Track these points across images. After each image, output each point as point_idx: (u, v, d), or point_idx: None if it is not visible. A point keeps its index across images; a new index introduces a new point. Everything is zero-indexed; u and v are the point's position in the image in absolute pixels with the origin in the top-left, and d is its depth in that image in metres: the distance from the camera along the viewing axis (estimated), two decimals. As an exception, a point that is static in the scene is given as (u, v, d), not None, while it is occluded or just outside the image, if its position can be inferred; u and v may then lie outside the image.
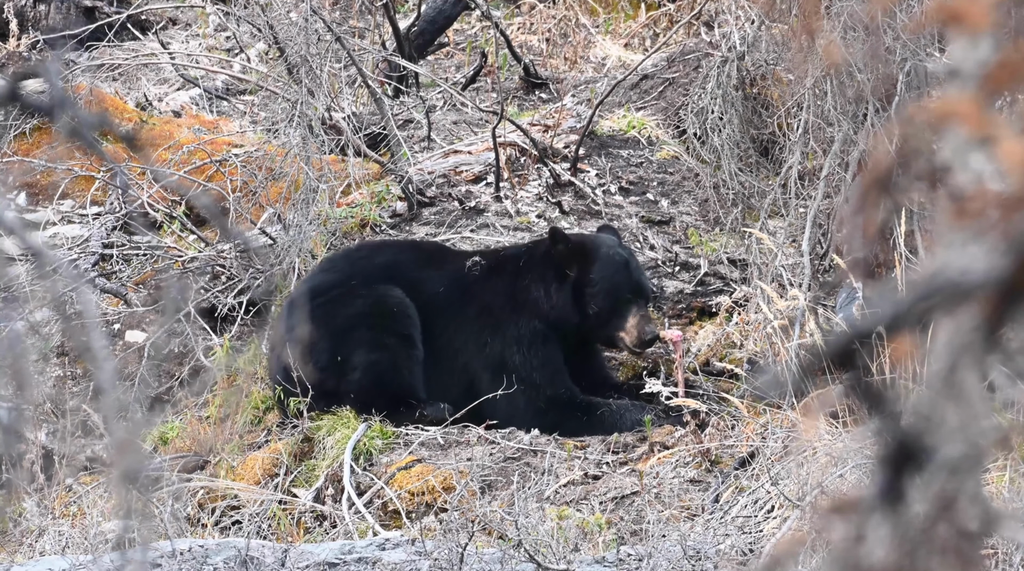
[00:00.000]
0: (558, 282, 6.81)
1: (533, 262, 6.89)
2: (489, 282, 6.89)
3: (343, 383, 6.73)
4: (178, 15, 10.97)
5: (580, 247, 6.82)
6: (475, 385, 6.79)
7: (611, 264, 6.81)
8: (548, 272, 6.83)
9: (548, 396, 6.76)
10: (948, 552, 1.76)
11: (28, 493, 6.21)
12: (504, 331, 6.82)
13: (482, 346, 6.83)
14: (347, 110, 8.46)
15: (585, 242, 6.87)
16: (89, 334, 2.33)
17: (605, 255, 6.81)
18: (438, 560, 5.27)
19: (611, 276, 6.79)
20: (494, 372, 6.78)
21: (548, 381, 6.78)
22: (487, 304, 6.86)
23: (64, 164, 8.33)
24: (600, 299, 6.79)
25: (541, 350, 6.81)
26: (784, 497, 5.55)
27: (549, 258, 6.84)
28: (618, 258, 6.83)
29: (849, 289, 6.60)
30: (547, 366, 6.80)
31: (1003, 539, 4.85)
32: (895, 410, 1.79)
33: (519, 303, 6.84)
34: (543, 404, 6.75)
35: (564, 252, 6.81)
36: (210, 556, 5.36)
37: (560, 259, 6.81)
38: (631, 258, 6.91)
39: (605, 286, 6.79)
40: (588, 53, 10.11)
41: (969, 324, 1.75)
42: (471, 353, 6.84)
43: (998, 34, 1.79)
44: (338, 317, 6.79)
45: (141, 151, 7.28)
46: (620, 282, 6.79)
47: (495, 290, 6.88)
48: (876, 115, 6.98)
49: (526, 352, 6.80)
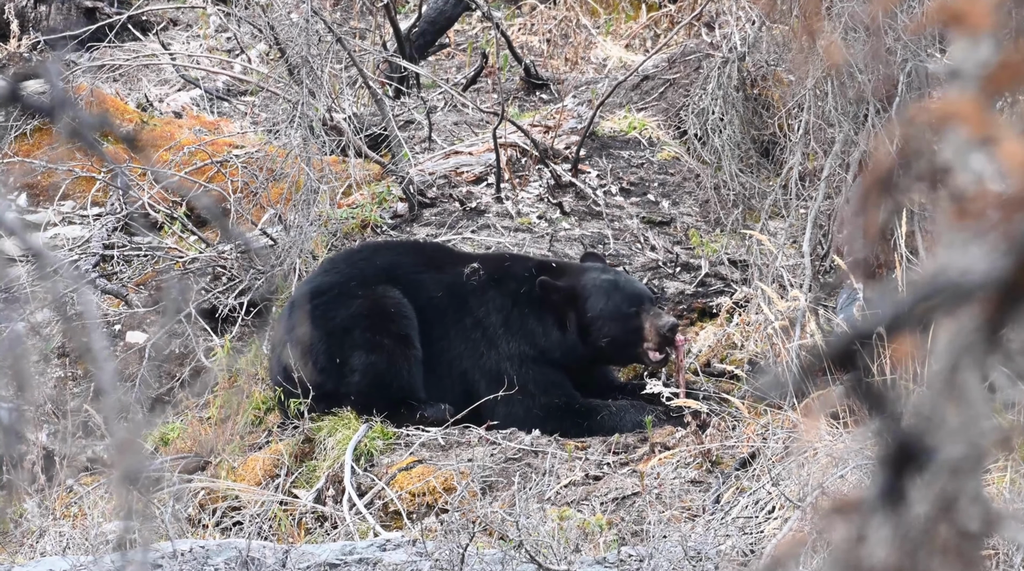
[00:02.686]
0: (559, 331, 6.83)
1: (532, 296, 6.88)
2: (487, 295, 6.90)
3: (342, 385, 6.73)
4: (179, 16, 10.97)
5: (570, 292, 6.82)
6: (473, 390, 6.80)
7: (603, 293, 6.81)
8: (546, 316, 6.85)
9: (544, 404, 6.78)
10: (949, 553, 1.76)
11: (29, 494, 6.21)
12: (498, 347, 6.84)
13: (479, 356, 6.85)
14: (348, 111, 8.46)
15: (574, 286, 6.85)
16: (90, 335, 2.33)
17: (594, 288, 6.82)
18: (439, 561, 5.27)
19: (607, 303, 6.80)
20: (491, 380, 6.79)
21: (544, 391, 6.80)
22: (482, 319, 6.88)
23: (65, 165, 8.33)
24: (608, 328, 6.80)
25: (534, 367, 6.83)
26: (785, 498, 5.54)
27: (548, 304, 6.84)
28: (606, 284, 6.83)
29: (850, 290, 6.60)
30: (542, 379, 6.82)
31: (1004, 540, 4.85)
32: (896, 411, 1.79)
33: (513, 328, 6.87)
34: (541, 413, 6.76)
35: (558, 301, 6.83)
36: (211, 557, 5.36)
37: (557, 309, 6.83)
38: (618, 276, 6.92)
39: (607, 314, 6.80)
40: (589, 54, 10.11)
41: (970, 325, 1.75)
42: (469, 361, 6.85)
43: (999, 35, 1.79)
44: (335, 318, 6.79)
45: (142, 152, 7.28)
46: (617, 303, 6.80)
47: (491, 306, 6.89)
48: (877, 116, 6.98)
49: (519, 368, 6.82)
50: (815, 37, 7.11)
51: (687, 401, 6.53)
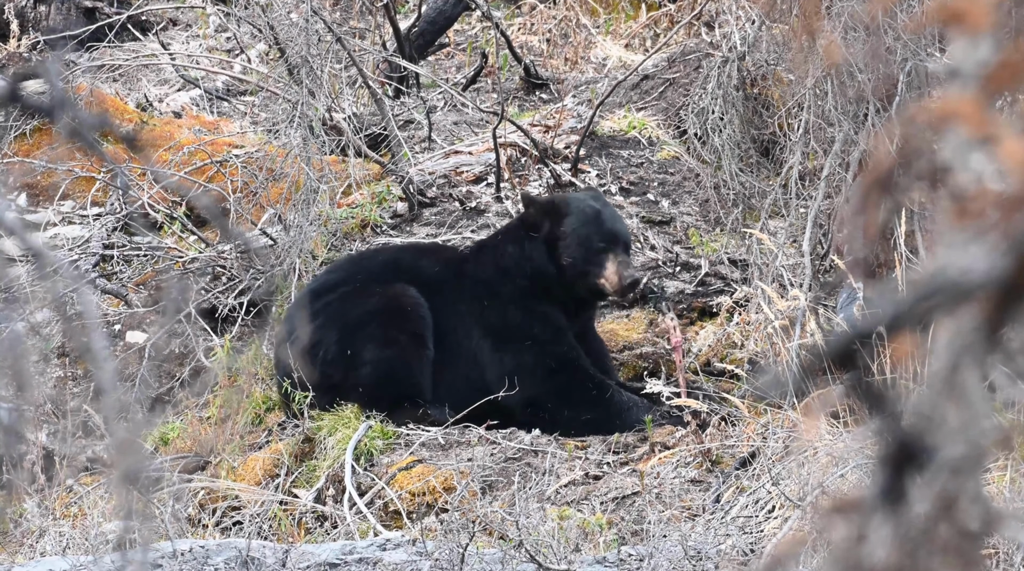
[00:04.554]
0: (529, 238, 6.85)
1: (509, 227, 7.02)
2: (479, 257, 6.96)
3: (351, 377, 6.73)
4: (178, 16, 10.97)
5: (550, 205, 6.91)
6: (479, 354, 6.79)
7: (581, 216, 6.84)
8: (520, 232, 6.88)
9: (556, 353, 6.77)
10: (949, 552, 1.76)
11: (29, 494, 6.21)
12: (499, 293, 6.84)
13: (481, 311, 6.84)
14: (348, 111, 8.46)
15: (555, 200, 6.97)
16: (90, 335, 2.33)
17: (576, 209, 6.86)
18: (439, 560, 5.27)
19: (581, 226, 6.83)
20: (496, 337, 6.77)
21: (552, 337, 6.79)
22: (478, 276, 6.90)
23: (65, 165, 8.34)
24: (572, 249, 6.82)
25: (538, 306, 6.82)
26: (785, 497, 5.55)
27: (521, 220, 6.91)
28: (588, 210, 6.86)
29: (850, 289, 6.61)
30: (549, 322, 6.81)
31: (1004, 539, 4.85)
32: (896, 410, 1.79)
33: (502, 268, 6.89)
34: (553, 362, 6.75)
35: (534, 213, 6.87)
36: (211, 557, 5.36)
37: (531, 219, 6.86)
38: (604, 209, 6.93)
39: (576, 237, 6.82)
40: (589, 53, 10.11)
41: (970, 324, 1.75)
42: (473, 321, 6.84)
43: (999, 34, 1.79)
44: (351, 313, 6.80)
45: (141, 152, 7.28)
46: (591, 232, 6.82)
47: (483, 261, 6.94)
48: (877, 115, 6.98)
49: (523, 310, 6.81)
50: (815, 36, 7.11)
51: (687, 401, 6.53)
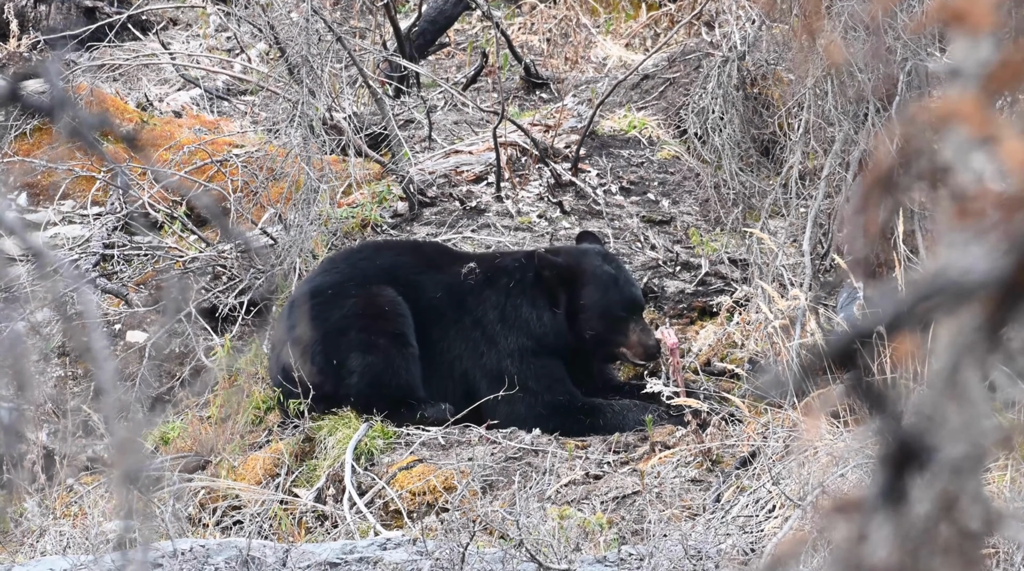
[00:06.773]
0: (550, 311, 6.80)
1: (524, 284, 6.86)
2: (483, 294, 6.88)
3: (341, 387, 6.72)
4: (179, 15, 10.97)
5: (567, 271, 6.79)
6: (474, 390, 6.79)
7: (600, 285, 6.78)
8: (539, 298, 6.82)
9: (547, 402, 6.76)
10: (950, 552, 1.76)
11: (29, 493, 6.21)
12: (497, 344, 6.82)
13: (479, 356, 6.84)
14: (348, 110, 8.46)
15: (572, 266, 6.81)
16: (90, 334, 2.33)
17: (592, 277, 6.78)
18: (439, 560, 5.27)
19: (602, 298, 6.78)
20: (492, 379, 6.78)
21: (546, 388, 6.78)
22: (479, 318, 6.86)
23: (65, 164, 8.33)
24: (594, 322, 6.78)
25: (535, 361, 6.81)
26: (785, 497, 5.54)
27: (539, 282, 6.83)
28: (606, 277, 6.80)
29: (850, 289, 6.60)
30: (544, 375, 6.80)
31: (1005, 539, 4.85)
32: (896, 410, 1.79)
33: (509, 321, 6.84)
34: (544, 410, 6.75)
35: (552, 279, 6.80)
36: (211, 556, 5.35)
37: (549, 286, 6.80)
38: (619, 272, 6.87)
39: (598, 310, 6.78)
40: (589, 53, 10.11)
41: (970, 324, 1.75)
42: (470, 361, 6.84)
43: (999, 34, 1.79)
44: (330, 319, 6.78)
45: (142, 151, 7.28)
46: (612, 302, 6.78)
47: (488, 304, 6.87)
48: (877, 115, 6.97)
49: (520, 364, 6.80)
50: (815, 36, 7.11)
51: (687, 400, 6.53)
